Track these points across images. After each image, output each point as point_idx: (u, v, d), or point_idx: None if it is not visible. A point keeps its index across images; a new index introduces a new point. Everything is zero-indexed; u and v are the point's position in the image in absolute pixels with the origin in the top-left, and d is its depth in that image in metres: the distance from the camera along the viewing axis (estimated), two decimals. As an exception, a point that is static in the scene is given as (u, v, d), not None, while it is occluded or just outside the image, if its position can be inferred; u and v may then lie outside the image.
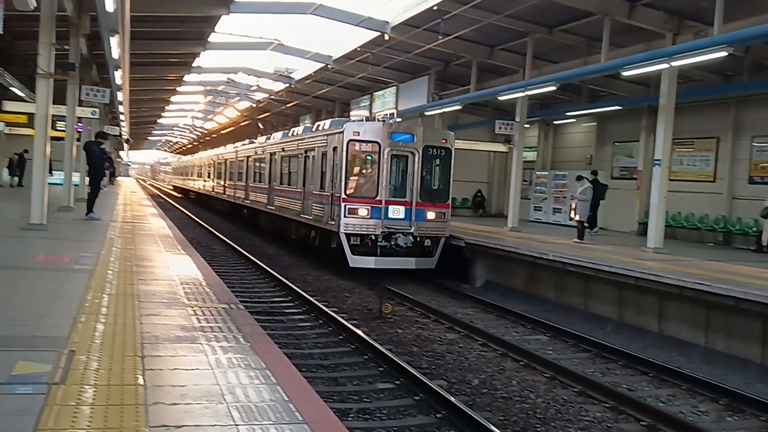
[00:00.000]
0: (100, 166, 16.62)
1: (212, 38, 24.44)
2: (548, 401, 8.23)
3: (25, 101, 29.84)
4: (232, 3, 18.41)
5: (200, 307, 6.52)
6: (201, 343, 5.13)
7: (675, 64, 13.87)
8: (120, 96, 25.49)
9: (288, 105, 38.34)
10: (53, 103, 14.09)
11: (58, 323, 5.38)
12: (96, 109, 21.36)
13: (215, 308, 6.55)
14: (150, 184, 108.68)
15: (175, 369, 4.43)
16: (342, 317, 11.87)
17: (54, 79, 13.35)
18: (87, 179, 17.82)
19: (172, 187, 74.44)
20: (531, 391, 8.56)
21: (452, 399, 7.55)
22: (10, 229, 12.96)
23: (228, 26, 30.97)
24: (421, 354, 10.08)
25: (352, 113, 33.94)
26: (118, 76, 20.43)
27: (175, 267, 9.44)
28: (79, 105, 20.06)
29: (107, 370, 4.29)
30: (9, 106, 25.43)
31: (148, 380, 4.15)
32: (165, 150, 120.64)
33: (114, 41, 14.96)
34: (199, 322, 5.85)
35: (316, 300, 13.09)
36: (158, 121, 61.96)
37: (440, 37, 14.93)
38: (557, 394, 8.50)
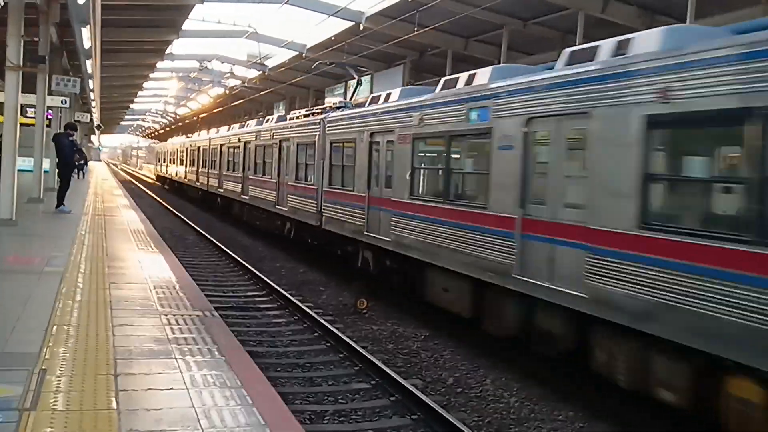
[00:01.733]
0: (71, 159, 16.36)
1: (186, 26, 24.10)
2: (521, 399, 8.33)
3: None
4: (205, -8, 18.17)
5: (174, 315, 6.48)
6: (175, 358, 5.09)
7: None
8: (91, 84, 25.06)
9: (262, 93, 37.96)
10: (22, 92, 13.81)
11: (28, 337, 5.30)
12: (66, 98, 20.96)
13: (189, 316, 6.51)
14: (121, 169, 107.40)
15: (150, 389, 4.39)
16: (317, 312, 11.86)
17: (23, 71, 13.07)
18: (57, 171, 17.52)
19: (154, 177, 61.84)
20: (504, 390, 8.64)
21: (427, 400, 7.60)
22: (-21, 225, 12.69)
23: (201, 12, 30.42)
24: (397, 352, 10.10)
25: (326, 100, 33.72)
26: (89, 65, 20.09)
27: (148, 268, 9.36)
28: (50, 94, 19.67)
29: (80, 392, 4.23)
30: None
31: (122, 403, 4.10)
32: (137, 134, 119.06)
33: (85, 32, 14.74)
34: (173, 333, 5.81)
35: (290, 294, 13.06)
36: (130, 106, 61.01)
37: (416, 29, 14.91)
38: (530, 393, 8.59)
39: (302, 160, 17.85)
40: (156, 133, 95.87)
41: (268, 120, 23.45)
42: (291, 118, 20.35)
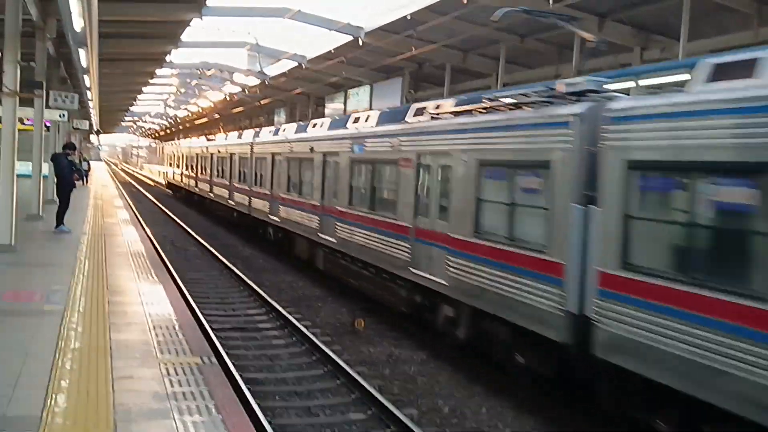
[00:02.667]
0: (69, 178, 16.47)
1: (185, 34, 24.13)
2: (515, 430, 8.45)
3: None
4: (203, 7, 18.19)
5: (173, 364, 6.61)
6: (173, 419, 5.22)
7: (642, 82, 14.06)
8: (89, 94, 25.16)
9: (263, 102, 37.99)
10: (20, 105, 13.82)
11: (29, 396, 5.42)
12: (64, 112, 21.04)
13: (188, 364, 6.64)
14: (121, 168, 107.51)
15: (148, 459, 4.51)
16: (315, 332, 11.99)
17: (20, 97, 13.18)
18: (56, 191, 17.59)
19: (163, 183, 49.97)
20: (499, 420, 8.75)
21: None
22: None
23: (200, 21, 30.37)
24: (393, 377, 10.19)
25: (327, 106, 33.83)
26: (87, 79, 20.19)
27: (148, 303, 9.48)
28: (47, 107, 19.74)
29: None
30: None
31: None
32: (136, 135, 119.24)
33: (82, 52, 14.82)
34: (172, 387, 5.94)
35: (288, 312, 13.20)
36: (130, 108, 61.09)
37: (413, 49, 15.01)
38: (524, 422, 8.70)
39: (497, 195, 9.37)
40: (156, 134, 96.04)
41: (356, 119, 15.63)
42: (433, 113, 11.77)
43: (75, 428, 4.87)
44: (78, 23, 11.82)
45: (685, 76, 7.79)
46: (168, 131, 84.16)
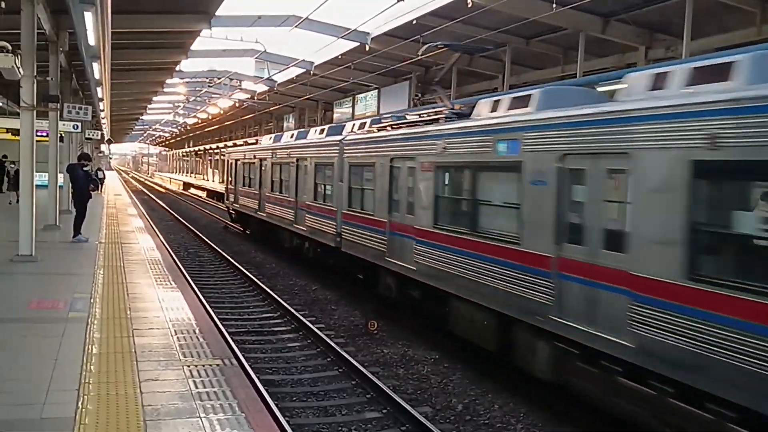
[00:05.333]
0: (85, 189, 16.77)
1: (195, 45, 24.51)
2: (527, 426, 8.62)
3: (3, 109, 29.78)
4: (212, 18, 18.54)
5: (195, 366, 6.87)
6: (200, 417, 5.47)
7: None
8: (101, 105, 25.54)
9: (272, 108, 38.29)
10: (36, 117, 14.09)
11: (62, 399, 5.68)
12: (78, 123, 21.40)
13: (210, 366, 6.90)
14: (132, 177, 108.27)
15: (178, 456, 4.75)
16: (329, 334, 12.21)
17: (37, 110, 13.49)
18: (72, 201, 17.91)
19: (228, 208, 29.98)
20: (512, 416, 8.92)
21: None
22: (-1, 261, 13.03)
23: (208, 31, 30.57)
24: (407, 377, 10.38)
25: (336, 111, 34.07)
26: (99, 91, 20.55)
27: (168, 309, 9.74)
28: (61, 119, 20.10)
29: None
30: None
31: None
32: (147, 143, 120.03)
33: (96, 66, 15.13)
34: (196, 387, 6.19)
35: (303, 315, 13.42)
36: (140, 117, 61.69)
37: (420, 54, 15.28)
38: (535, 418, 8.86)
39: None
40: (166, 141, 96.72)
41: None
42: None
43: (108, 428, 5.13)
44: (92, 37, 12.10)
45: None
46: (179, 139, 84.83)
